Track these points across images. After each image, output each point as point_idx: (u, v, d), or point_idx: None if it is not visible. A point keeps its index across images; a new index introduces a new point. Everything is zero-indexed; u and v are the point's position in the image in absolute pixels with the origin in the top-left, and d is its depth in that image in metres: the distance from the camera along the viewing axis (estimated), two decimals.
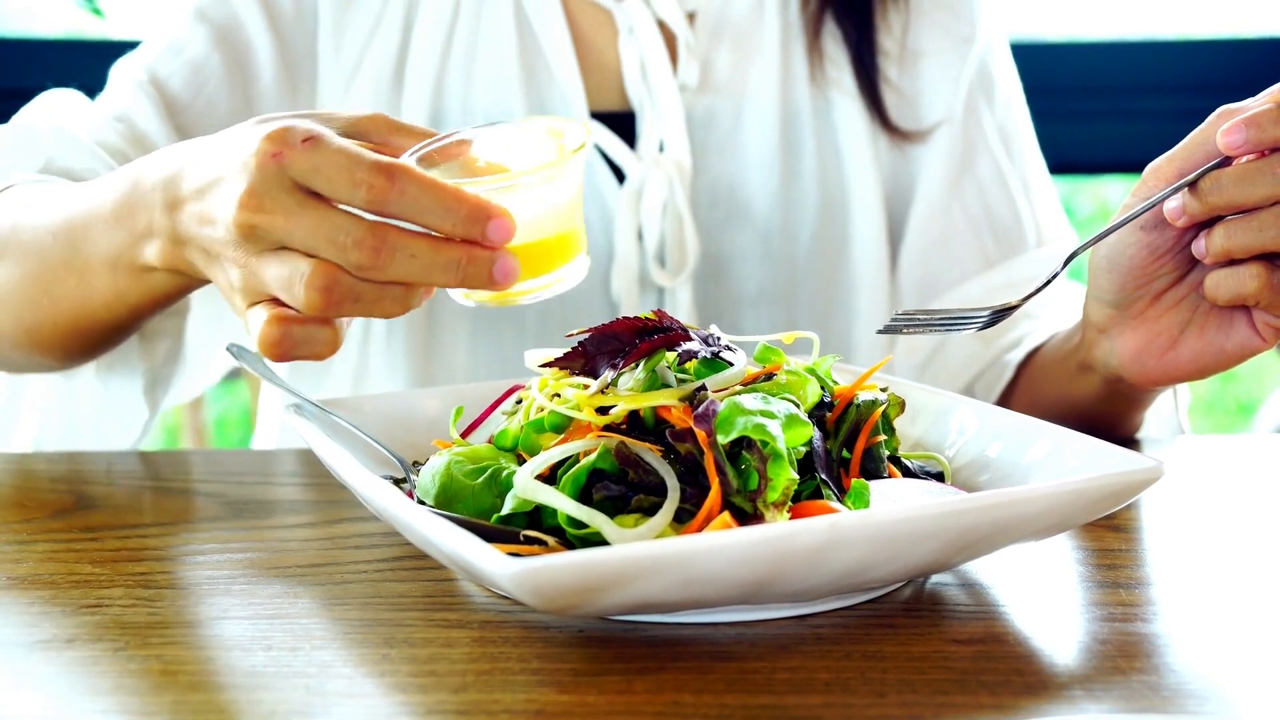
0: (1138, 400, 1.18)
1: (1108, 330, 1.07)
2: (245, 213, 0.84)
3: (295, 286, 0.83)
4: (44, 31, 2.31)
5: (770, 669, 0.75)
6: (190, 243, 0.91)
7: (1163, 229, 1.00)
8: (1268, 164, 0.92)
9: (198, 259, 0.92)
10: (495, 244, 0.84)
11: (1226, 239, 0.95)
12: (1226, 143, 0.93)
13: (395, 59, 1.37)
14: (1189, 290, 1.03)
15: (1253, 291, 0.96)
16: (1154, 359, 1.05)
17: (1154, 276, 1.02)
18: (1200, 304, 1.03)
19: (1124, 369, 1.07)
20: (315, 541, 0.95)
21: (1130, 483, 0.81)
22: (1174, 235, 1.00)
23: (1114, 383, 1.12)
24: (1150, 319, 1.04)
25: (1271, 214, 0.93)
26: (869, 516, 0.75)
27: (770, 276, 1.40)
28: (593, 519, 0.78)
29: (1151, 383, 1.07)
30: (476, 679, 0.74)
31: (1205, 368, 1.03)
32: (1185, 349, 1.04)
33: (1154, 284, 1.03)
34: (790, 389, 0.87)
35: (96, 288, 1.04)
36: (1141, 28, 3.05)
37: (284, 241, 0.84)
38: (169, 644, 0.79)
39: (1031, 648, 0.78)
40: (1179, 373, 1.04)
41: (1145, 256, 1.01)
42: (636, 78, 1.36)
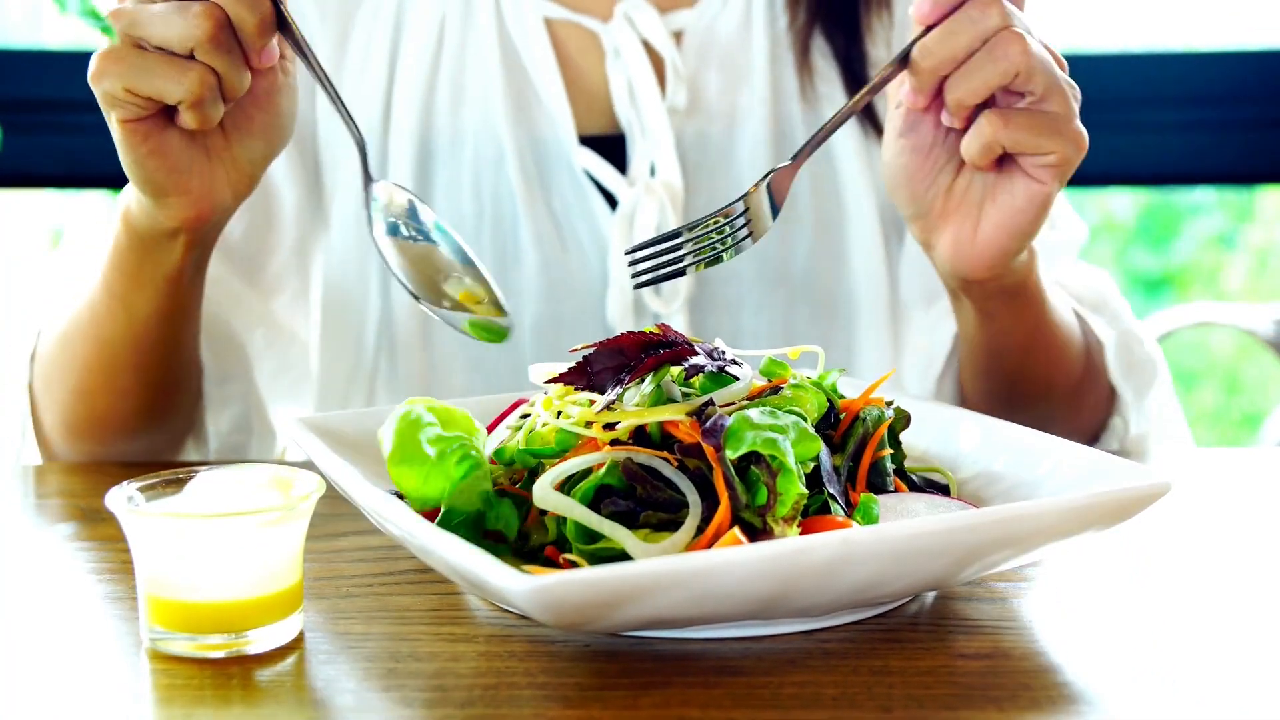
0: (996, 303, 1.16)
1: (929, 241, 1.09)
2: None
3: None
4: (50, 43, 2.31)
5: (777, 684, 0.75)
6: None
7: (918, 127, 1.05)
8: (962, 13, 0.97)
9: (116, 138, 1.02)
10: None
11: (952, 92, 0.99)
12: (918, 15, 0.98)
13: (383, 88, 1.36)
14: (970, 172, 1.06)
15: (994, 136, 0.98)
16: (969, 244, 1.06)
17: (935, 172, 1.06)
18: (984, 179, 1.05)
19: (953, 267, 1.08)
20: (319, 555, 0.95)
21: (1137, 497, 0.81)
22: (930, 128, 1.04)
23: (962, 290, 1.13)
24: (951, 212, 1.06)
25: (979, 55, 0.96)
26: (881, 532, 0.75)
27: (767, 298, 1.38)
28: (614, 533, 0.78)
29: (983, 268, 1.07)
30: (483, 693, 0.74)
31: (1014, 231, 1.04)
32: (987, 223, 1.05)
33: (939, 180, 1.06)
34: (797, 403, 0.87)
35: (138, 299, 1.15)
36: (1147, 40, 3.05)
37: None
38: (173, 657, 0.79)
39: (1039, 663, 0.78)
40: (995, 246, 1.05)
41: (916, 159, 1.05)
42: (625, 100, 1.35)
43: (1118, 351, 1.29)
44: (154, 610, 0.80)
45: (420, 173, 1.36)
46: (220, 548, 0.79)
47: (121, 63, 0.96)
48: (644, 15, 1.35)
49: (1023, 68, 0.96)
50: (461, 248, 1.02)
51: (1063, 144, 0.99)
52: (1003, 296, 1.13)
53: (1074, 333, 1.27)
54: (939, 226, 1.07)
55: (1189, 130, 2.17)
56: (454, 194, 1.35)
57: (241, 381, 1.33)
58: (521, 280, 1.35)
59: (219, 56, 0.96)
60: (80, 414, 1.22)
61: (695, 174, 1.36)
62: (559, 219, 1.35)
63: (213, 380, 1.30)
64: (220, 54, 0.96)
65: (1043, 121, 0.98)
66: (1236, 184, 3.03)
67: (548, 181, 1.35)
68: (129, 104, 0.98)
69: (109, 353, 1.18)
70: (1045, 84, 0.98)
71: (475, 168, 1.35)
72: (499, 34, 1.35)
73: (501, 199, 1.35)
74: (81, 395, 1.21)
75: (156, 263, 1.12)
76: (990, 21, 0.96)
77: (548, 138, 1.35)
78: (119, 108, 0.99)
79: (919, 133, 1.05)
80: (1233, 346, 3.67)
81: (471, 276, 0.97)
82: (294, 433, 0.96)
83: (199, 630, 0.79)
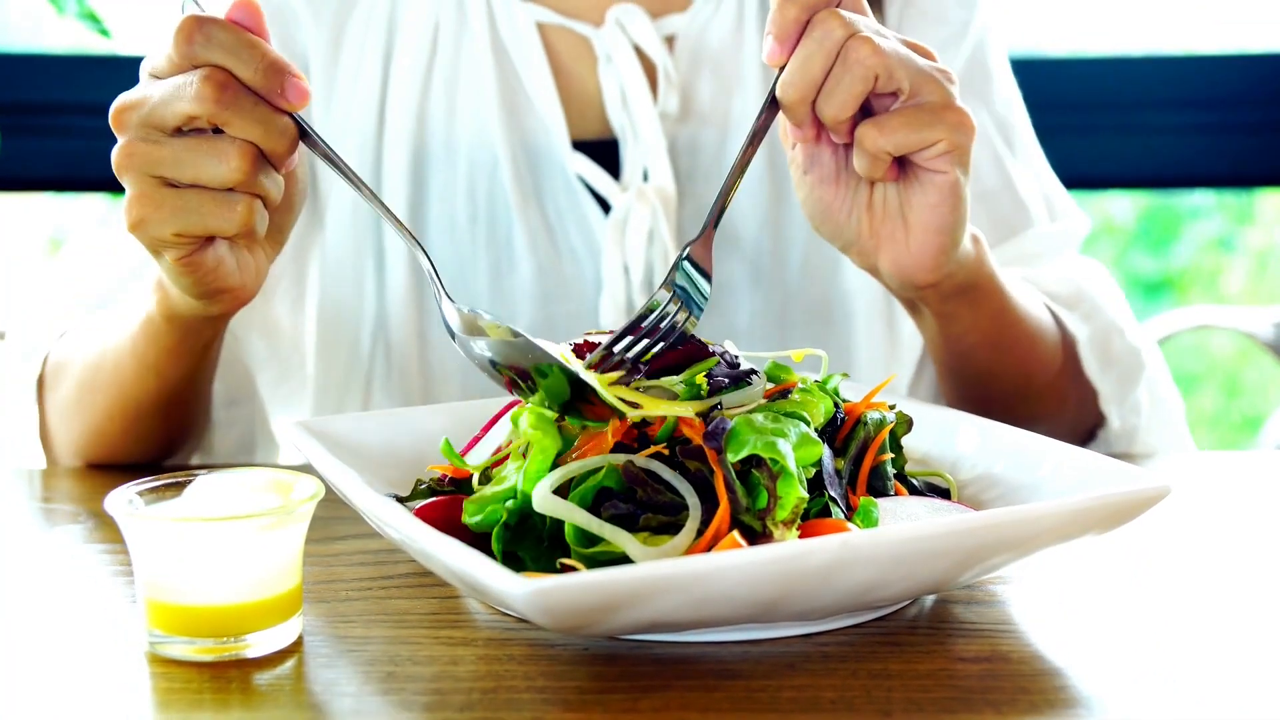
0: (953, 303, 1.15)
1: (870, 265, 1.08)
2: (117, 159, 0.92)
3: (180, 96, 0.90)
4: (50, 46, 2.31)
5: (776, 687, 0.75)
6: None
7: (817, 158, 1.04)
8: (806, 38, 0.96)
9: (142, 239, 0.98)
10: (291, 104, 0.91)
11: (824, 114, 0.98)
12: (769, 59, 0.98)
13: (377, 95, 1.36)
14: (881, 185, 1.05)
15: (875, 145, 0.98)
16: (907, 254, 1.05)
17: (849, 196, 1.05)
18: (894, 188, 1.04)
19: (900, 279, 1.07)
20: (318, 558, 0.95)
21: (1137, 501, 0.81)
22: (829, 157, 1.04)
23: (919, 299, 1.13)
24: (879, 228, 1.06)
25: (834, 71, 0.96)
26: (880, 535, 0.75)
27: (762, 302, 1.38)
28: (615, 536, 0.78)
29: (927, 271, 1.06)
30: (482, 697, 0.74)
31: (940, 227, 1.03)
32: (915, 227, 1.04)
33: (856, 201, 1.05)
34: (804, 407, 0.87)
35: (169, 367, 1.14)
36: (1146, 44, 3.05)
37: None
38: (174, 661, 0.79)
39: (1038, 666, 0.78)
40: (931, 246, 1.05)
41: (828, 190, 1.05)
42: (617, 106, 1.35)
43: (1092, 346, 1.28)
44: (153, 614, 0.80)
45: (415, 179, 1.36)
46: (220, 551, 0.79)
47: (163, 208, 0.92)
48: (636, 21, 1.35)
49: (879, 68, 0.95)
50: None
51: (945, 130, 0.98)
52: (958, 295, 1.13)
53: (1044, 326, 1.26)
54: (873, 247, 1.06)
55: (1188, 133, 2.17)
56: (448, 200, 1.35)
57: (247, 404, 1.35)
58: (515, 285, 1.35)
59: (260, 185, 0.93)
60: (97, 450, 1.23)
61: (688, 179, 1.36)
62: (552, 224, 1.35)
63: (221, 404, 1.31)
64: (261, 182, 0.93)
65: (918, 116, 0.98)
66: (1236, 187, 3.03)
67: (541, 186, 1.35)
68: (180, 245, 0.94)
69: (132, 407, 1.18)
70: (910, 77, 0.97)
71: (469, 173, 1.35)
72: (492, 39, 1.35)
73: (496, 204, 1.35)
74: (99, 435, 1.22)
75: (196, 338, 1.11)
76: (834, 35, 0.95)
77: (541, 143, 1.35)
78: (171, 249, 0.95)
79: (820, 164, 1.04)
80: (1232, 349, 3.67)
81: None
82: (293, 436, 0.96)
83: (198, 634, 0.79)
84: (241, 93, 0.90)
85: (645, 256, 1.33)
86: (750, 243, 1.37)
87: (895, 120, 0.98)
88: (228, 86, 0.89)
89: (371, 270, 1.37)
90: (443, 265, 1.35)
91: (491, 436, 0.94)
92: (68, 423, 1.24)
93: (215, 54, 0.89)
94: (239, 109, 0.89)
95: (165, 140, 0.91)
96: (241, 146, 0.90)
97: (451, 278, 1.36)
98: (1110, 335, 1.30)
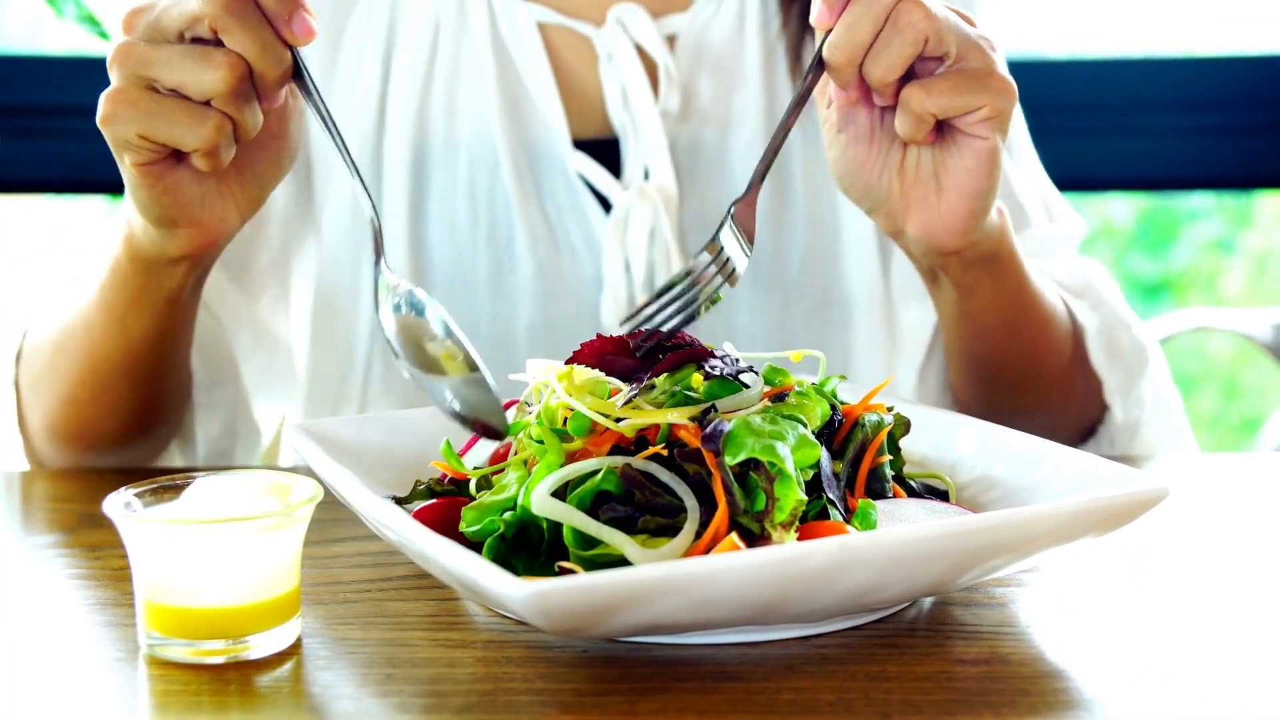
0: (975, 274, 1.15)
1: (897, 228, 1.09)
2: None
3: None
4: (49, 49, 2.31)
5: (775, 689, 0.75)
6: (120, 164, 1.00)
7: (853, 118, 1.05)
8: (858, 3, 0.97)
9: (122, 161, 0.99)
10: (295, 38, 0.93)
11: (871, 75, 0.99)
12: (818, 22, 0.99)
13: (377, 94, 1.36)
14: (915, 149, 1.06)
15: (920, 107, 0.99)
16: (936, 217, 1.06)
17: (882, 157, 1.06)
18: (930, 152, 1.05)
19: (927, 243, 1.08)
20: (317, 560, 0.95)
21: (1135, 503, 0.81)
22: (865, 117, 1.05)
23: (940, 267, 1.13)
24: (909, 192, 1.06)
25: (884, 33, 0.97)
26: (879, 537, 0.75)
27: (762, 301, 1.39)
28: (614, 539, 0.78)
29: (955, 236, 1.07)
30: (480, 699, 0.74)
31: (974, 192, 1.04)
32: (947, 192, 1.05)
33: (888, 164, 1.06)
34: (802, 410, 0.87)
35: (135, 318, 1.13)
36: (1145, 45, 3.05)
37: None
38: (171, 662, 0.79)
39: (1037, 668, 0.78)
40: (961, 211, 1.05)
41: (861, 150, 1.06)
42: (619, 105, 1.35)
43: (1100, 336, 1.28)
44: (151, 616, 0.80)
45: (415, 178, 1.36)
46: (218, 553, 0.79)
47: (134, 107, 0.94)
48: (637, 20, 1.35)
49: (930, 32, 0.96)
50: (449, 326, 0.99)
51: (990, 96, 0.99)
52: (980, 266, 1.13)
53: (1058, 312, 1.26)
54: (902, 210, 1.07)
55: (1188, 135, 2.17)
56: (449, 199, 1.35)
57: (230, 387, 1.34)
58: (516, 284, 1.35)
59: (237, 106, 0.94)
60: (68, 421, 1.22)
61: (689, 178, 1.36)
62: (553, 223, 1.36)
63: (202, 386, 1.31)
64: (239, 103, 0.94)
65: (964, 80, 0.99)
66: (1235, 189, 3.03)
67: (542, 185, 1.36)
68: (142, 149, 0.96)
69: (103, 368, 1.17)
70: (958, 42, 0.98)
71: (470, 172, 1.35)
72: (492, 39, 1.36)
73: (496, 203, 1.35)
74: (71, 404, 1.21)
75: (158, 285, 1.11)
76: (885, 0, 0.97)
77: (541, 142, 1.35)
78: (132, 152, 0.96)
79: (856, 123, 1.05)
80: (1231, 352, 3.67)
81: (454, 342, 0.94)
82: (293, 439, 0.96)
83: (197, 636, 0.79)
84: (250, 6, 0.92)
85: (646, 255, 1.34)
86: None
87: (943, 84, 0.99)
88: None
89: (368, 274, 1.37)
90: (443, 264, 1.36)
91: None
92: (40, 395, 1.23)
93: None
94: (243, 19, 0.91)
95: (163, 44, 0.93)
96: (232, 59, 0.92)
97: (452, 277, 1.36)
98: (1116, 327, 1.30)
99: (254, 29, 0.92)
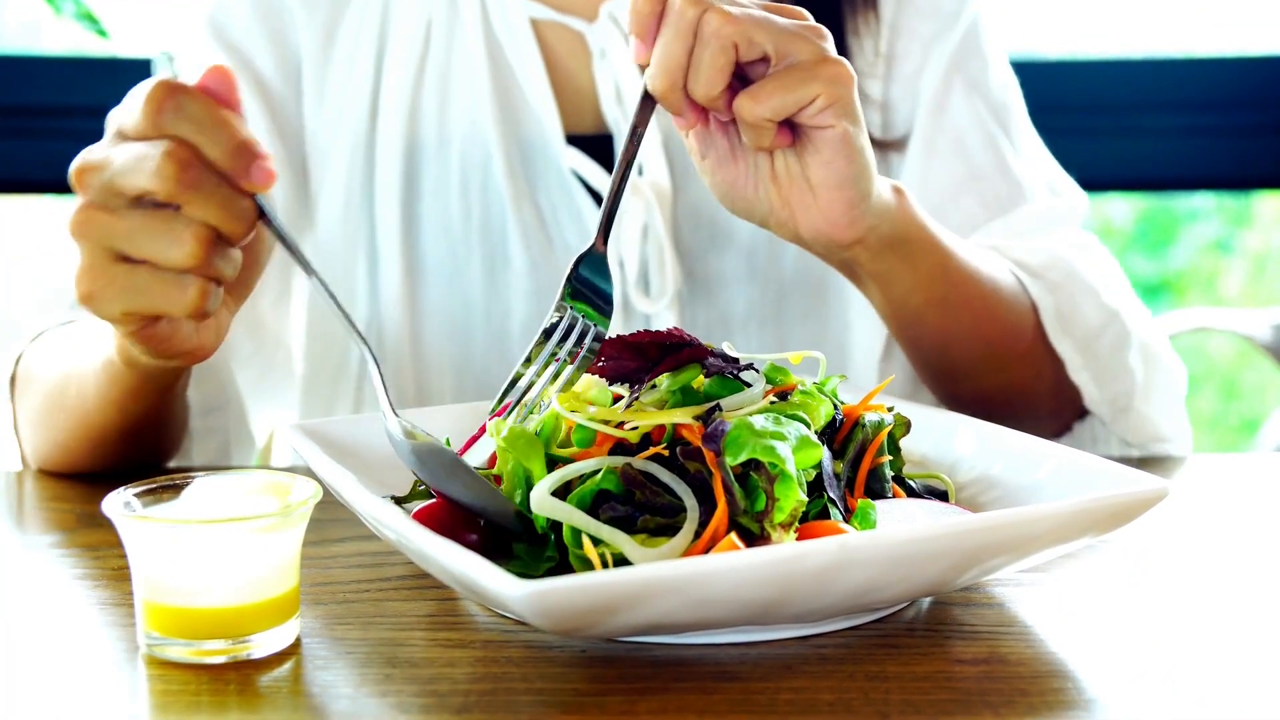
0: (888, 261, 1.12)
1: (793, 235, 1.07)
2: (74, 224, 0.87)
3: (141, 169, 0.84)
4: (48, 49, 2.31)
5: (774, 689, 0.75)
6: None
7: (710, 141, 1.03)
8: (665, 28, 0.95)
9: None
10: (256, 185, 0.85)
11: (696, 95, 0.97)
12: (636, 58, 0.98)
13: (370, 90, 1.36)
14: (779, 154, 1.04)
15: (753, 115, 0.97)
16: (819, 215, 1.04)
17: (751, 171, 1.04)
18: (790, 154, 1.03)
19: (822, 242, 1.06)
20: (316, 560, 0.95)
21: (1134, 502, 0.81)
22: (720, 137, 1.03)
23: (851, 261, 1.11)
24: (789, 197, 1.04)
25: (695, 50, 0.95)
26: (878, 537, 0.75)
27: (758, 296, 1.38)
28: (614, 538, 0.78)
29: (843, 228, 1.05)
30: (479, 699, 0.74)
31: (842, 180, 1.02)
32: (819, 187, 1.03)
33: (759, 175, 1.04)
34: (805, 409, 0.87)
35: (133, 405, 1.11)
36: (1145, 46, 3.05)
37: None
38: (171, 663, 0.79)
39: (1036, 668, 0.78)
40: (839, 202, 1.03)
41: (729, 171, 1.04)
42: (612, 101, 1.34)
43: (1057, 313, 1.25)
44: (151, 616, 0.80)
45: (408, 175, 1.36)
46: (217, 553, 0.79)
47: (112, 284, 0.87)
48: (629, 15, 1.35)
49: (736, 36, 0.94)
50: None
51: (821, 84, 0.97)
52: (889, 251, 1.10)
53: (1004, 289, 1.23)
54: (788, 216, 1.05)
55: (1187, 136, 2.17)
56: (442, 196, 1.35)
57: (227, 409, 1.33)
58: (509, 280, 1.35)
59: (213, 266, 0.87)
60: (61, 464, 1.21)
61: (683, 174, 1.36)
62: (546, 219, 1.36)
63: (198, 412, 1.30)
64: (214, 264, 0.87)
65: (789, 77, 0.96)
66: (1234, 189, 3.03)
67: (535, 182, 1.35)
68: (129, 322, 0.90)
69: (97, 434, 1.16)
70: (772, 39, 0.95)
71: (463, 169, 1.35)
72: (485, 35, 1.35)
73: (489, 200, 1.35)
74: (66, 452, 1.20)
75: (158, 382, 1.09)
76: (687, 16, 0.94)
77: (534, 138, 1.35)
78: (120, 325, 0.90)
79: (715, 146, 1.04)
80: (1230, 352, 3.67)
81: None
82: (291, 439, 0.96)
83: (196, 636, 0.79)
84: (204, 172, 0.85)
85: (640, 251, 1.33)
86: (745, 236, 1.37)
87: (768, 86, 0.96)
88: (190, 166, 0.84)
89: (364, 270, 1.37)
90: (436, 261, 1.35)
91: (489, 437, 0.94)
92: (34, 432, 1.22)
93: (184, 128, 0.84)
94: (199, 189, 0.84)
95: (123, 211, 0.86)
96: (197, 230, 0.85)
97: (445, 274, 1.36)
98: (1080, 300, 1.26)
99: (211, 193, 0.85)
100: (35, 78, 2.03)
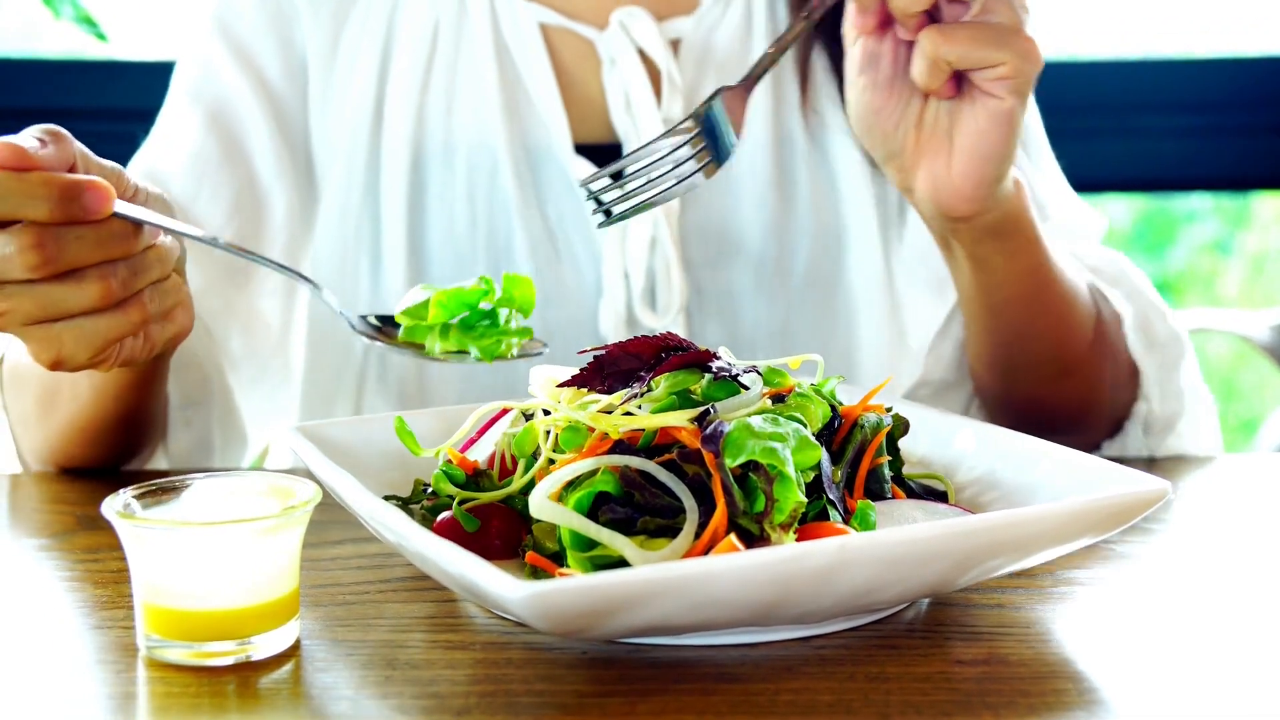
0: (988, 246, 1.13)
1: (906, 184, 1.07)
2: None
3: (9, 264, 0.85)
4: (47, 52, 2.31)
5: (774, 690, 0.75)
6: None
7: (876, 61, 1.04)
8: None
9: None
10: (96, 214, 0.85)
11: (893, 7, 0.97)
12: None
13: (374, 93, 1.35)
14: (935, 103, 1.04)
15: (935, 52, 0.97)
16: (946, 177, 1.04)
17: (900, 107, 1.04)
18: (947, 106, 1.03)
19: (935, 204, 1.06)
20: (316, 562, 0.95)
21: (1135, 503, 0.81)
22: (889, 63, 1.03)
23: (951, 233, 1.11)
24: (923, 146, 1.05)
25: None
26: (877, 538, 0.75)
27: (765, 310, 1.37)
28: (613, 541, 0.78)
29: (963, 201, 1.05)
30: (479, 701, 0.74)
31: (985, 155, 1.02)
32: (959, 152, 1.03)
33: (906, 114, 1.05)
34: (802, 411, 0.87)
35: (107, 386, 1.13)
36: (1143, 46, 3.05)
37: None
38: (171, 665, 0.79)
39: (1036, 669, 0.78)
40: (971, 175, 1.04)
41: (880, 96, 1.04)
42: (621, 110, 1.33)
43: (1137, 325, 1.25)
44: (150, 618, 0.80)
45: (413, 180, 1.35)
46: (217, 555, 0.79)
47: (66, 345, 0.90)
48: (640, 23, 1.34)
49: None
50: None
51: (1010, 54, 0.97)
52: (993, 237, 1.11)
53: (1081, 295, 1.23)
54: (913, 165, 1.06)
55: (1185, 136, 2.17)
56: (448, 202, 1.35)
57: (205, 405, 1.33)
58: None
59: (136, 282, 0.90)
60: (59, 459, 1.23)
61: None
62: (553, 228, 1.35)
63: (176, 405, 1.30)
64: (135, 280, 0.90)
65: (985, 33, 0.97)
66: (1233, 190, 3.04)
67: (542, 190, 1.35)
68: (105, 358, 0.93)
69: (94, 426, 1.18)
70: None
71: (469, 175, 1.34)
72: (494, 40, 1.34)
73: (496, 207, 1.34)
74: (63, 447, 1.21)
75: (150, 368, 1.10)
76: None
77: (542, 145, 1.34)
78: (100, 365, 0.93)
79: (878, 68, 1.04)
80: (1229, 353, 3.67)
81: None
82: (291, 441, 0.96)
83: (196, 638, 0.79)
84: (60, 235, 0.85)
85: (646, 263, 1.32)
86: (755, 250, 1.36)
87: (961, 32, 0.97)
88: (43, 242, 0.85)
89: (366, 269, 1.37)
90: (441, 269, 1.35)
91: (490, 436, 0.94)
92: (29, 431, 1.23)
93: (7, 206, 0.84)
94: (67, 250, 0.86)
95: (21, 290, 0.87)
96: (93, 271, 0.87)
97: (450, 280, 1.35)
98: (1153, 316, 1.26)
99: (79, 243, 0.86)
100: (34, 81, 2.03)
